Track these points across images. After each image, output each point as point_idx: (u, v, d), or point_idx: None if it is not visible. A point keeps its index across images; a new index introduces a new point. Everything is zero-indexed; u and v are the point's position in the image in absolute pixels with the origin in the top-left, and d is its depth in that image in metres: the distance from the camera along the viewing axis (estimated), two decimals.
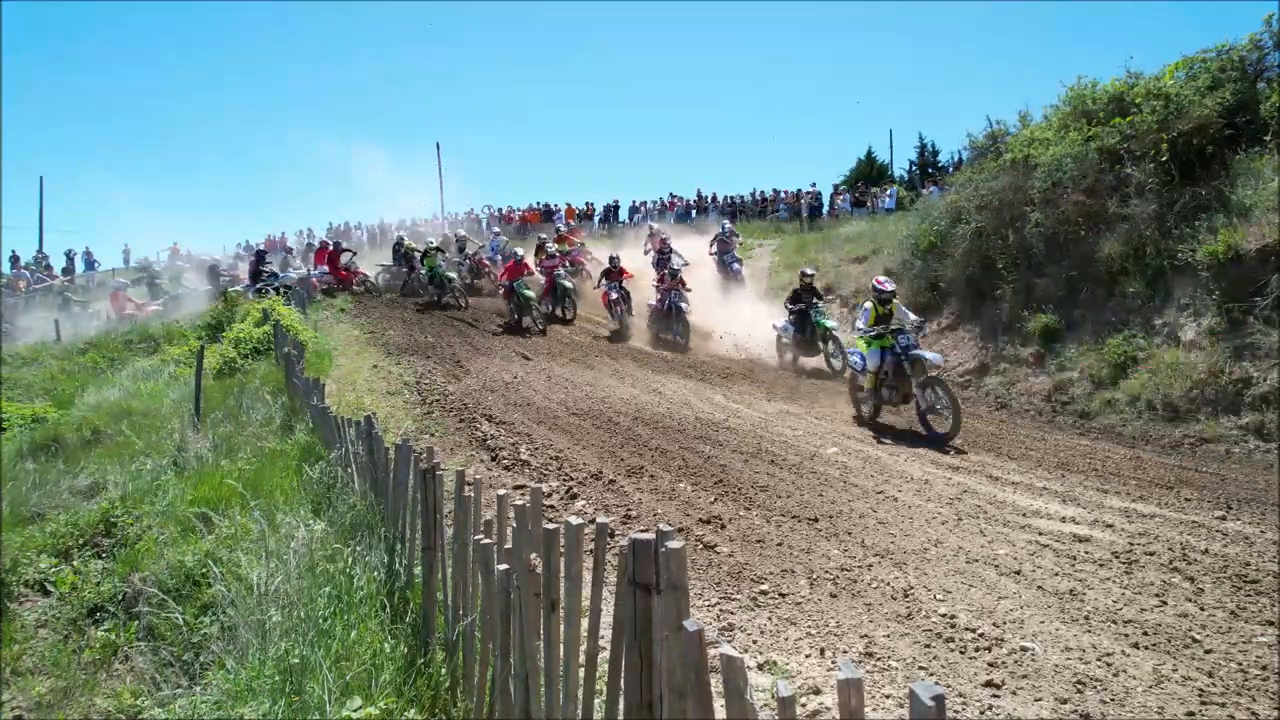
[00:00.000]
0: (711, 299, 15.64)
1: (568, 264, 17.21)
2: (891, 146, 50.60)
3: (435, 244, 18.19)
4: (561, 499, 5.83)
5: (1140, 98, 10.86)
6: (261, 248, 22.98)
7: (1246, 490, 6.26)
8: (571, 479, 6.28)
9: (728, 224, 18.95)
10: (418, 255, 18.46)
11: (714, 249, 17.63)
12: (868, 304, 9.25)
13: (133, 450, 8.01)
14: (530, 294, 14.76)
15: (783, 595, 4.19)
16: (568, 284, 15.81)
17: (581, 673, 2.20)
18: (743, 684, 1.40)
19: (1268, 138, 9.59)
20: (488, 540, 2.68)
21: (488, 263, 18.76)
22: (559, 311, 15.71)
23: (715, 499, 5.93)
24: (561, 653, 2.21)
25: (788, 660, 3.44)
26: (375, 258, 22.61)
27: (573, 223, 26.52)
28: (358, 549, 3.97)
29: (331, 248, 19.51)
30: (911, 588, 4.28)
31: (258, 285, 17.20)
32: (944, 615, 3.91)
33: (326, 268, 18.70)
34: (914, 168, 30.31)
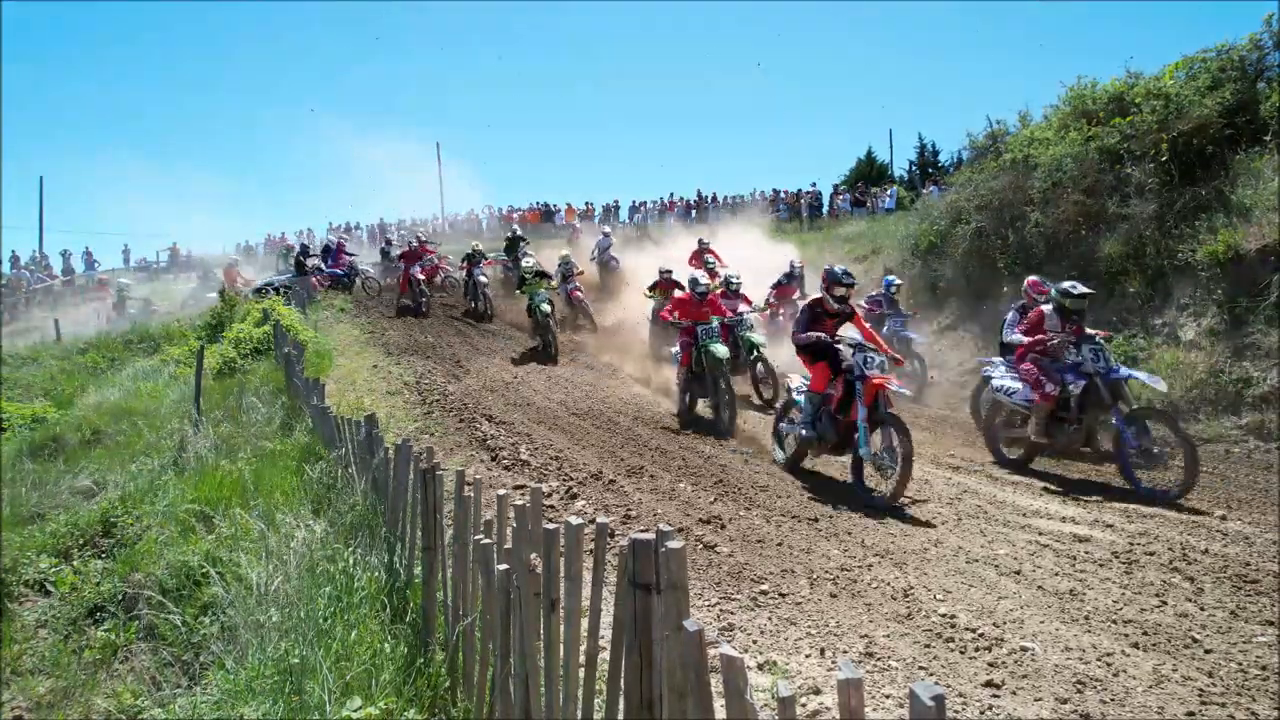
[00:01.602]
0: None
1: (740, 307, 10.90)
2: (891, 146, 50.68)
3: (537, 265, 13.57)
4: (561, 499, 5.83)
5: (1140, 98, 10.88)
6: (305, 243, 21.66)
7: (1246, 490, 6.26)
8: (571, 479, 6.28)
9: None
10: (480, 269, 15.54)
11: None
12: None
13: (133, 450, 8.01)
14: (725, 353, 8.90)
15: (783, 595, 4.19)
16: (758, 337, 10.13)
17: (581, 673, 2.20)
18: (743, 684, 1.40)
19: (1268, 138, 9.60)
20: (488, 540, 2.68)
21: (580, 295, 14.70)
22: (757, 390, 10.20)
23: (715, 499, 5.93)
24: (561, 653, 2.21)
25: (788, 660, 3.44)
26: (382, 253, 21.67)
27: (706, 239, 16.77)
28: (358, 549, 3.97)
29: (415, 248, 17.58)
30: (911, 588, 4.28)
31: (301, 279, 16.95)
32: (944, 615, 3.91)
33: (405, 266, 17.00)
34: (914, 168, 30.30)
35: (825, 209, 26.53)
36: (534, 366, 11.67)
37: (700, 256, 14.76)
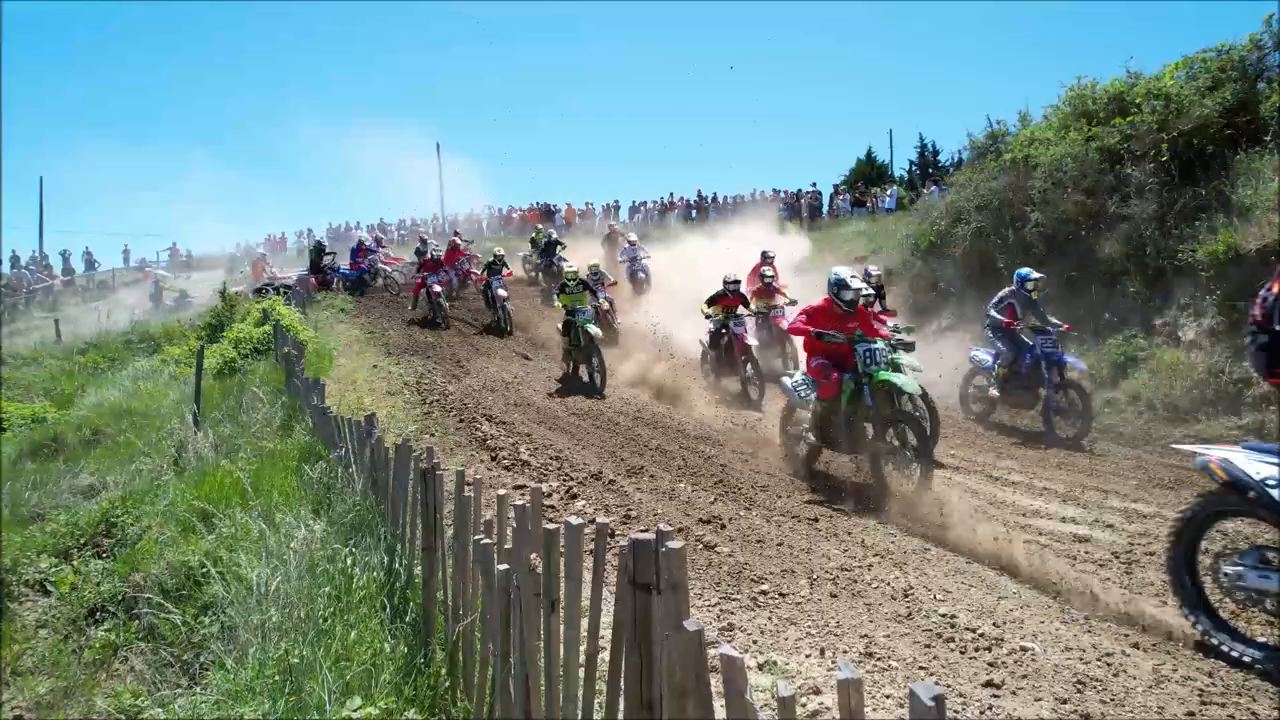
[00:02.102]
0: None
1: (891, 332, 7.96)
2: (891, 146, 50.72)
3: (574, 270, 11.60)
4: (561, 499, 5.83)
5: (1140, 98, 10.88)
6: (320, 240, 19.69)
7: None
8: (571, 479, 6.28)
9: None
10: (500, 280, 14.05)
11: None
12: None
13: (133, 450, 8.01)
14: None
15: (783, 595, 4.19)
16: (901, 379, 6.39)
17: (581, 673, 2.20)
18: (743, 684, 1.40)
19: (1268, 138, 9.61)
20: (488, 540, 2.68)
21: (608, 305, 13.01)
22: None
23: (715, 499, 5.93)
24: (561, 653, 2.21)
25: (788, 660, 3.44)
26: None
27: (770, 251, 13.29)
28: (358, 549, 3.97)
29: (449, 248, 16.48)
30: (911, 588, 4.28)
31: (319, 276, 16.54)
32: (944, 615, 3.91)
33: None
34: (914, 168, 30.30)
35: (825, 209, 26.54)
36: (533, 367, 11.64)
37: (758, 272, 12.20)
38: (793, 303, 10.86)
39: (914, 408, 7.02)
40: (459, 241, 17.47)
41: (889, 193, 25.55)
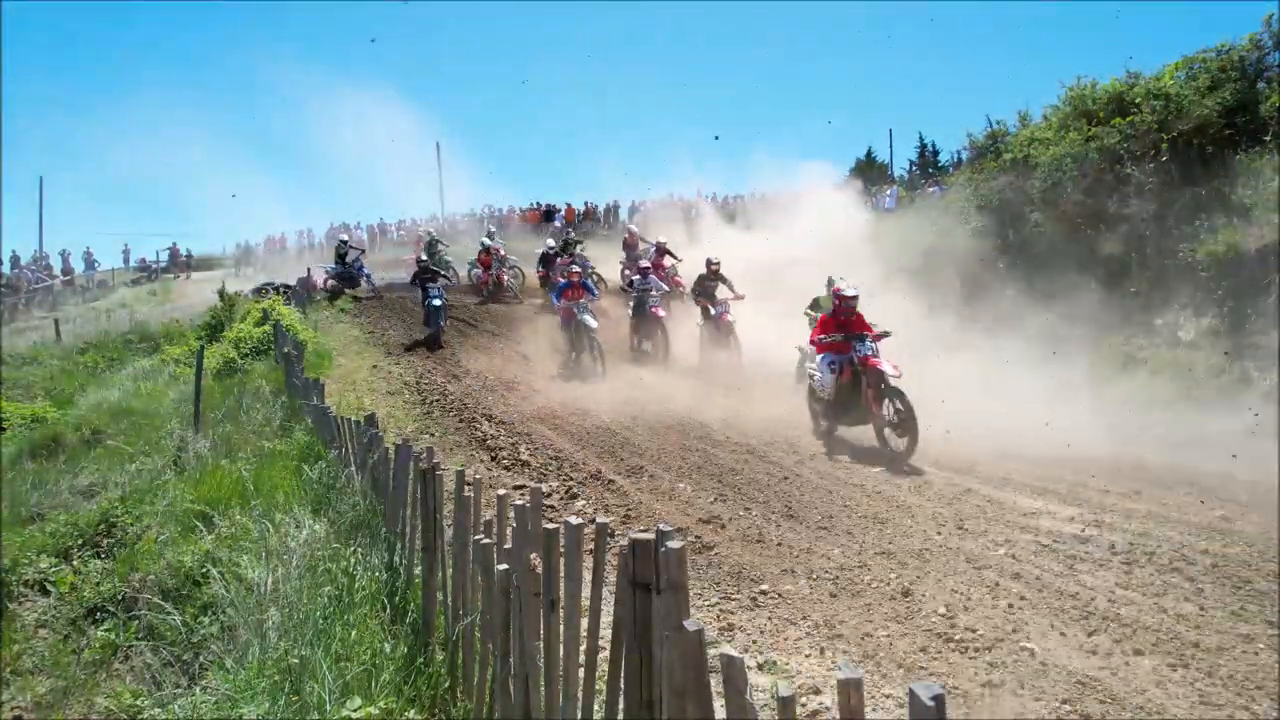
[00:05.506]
0: None
1: None
2: (891, 146, 50.55)
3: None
4: (561, 499, 5.83)
5: (1140, 98, 10.89)
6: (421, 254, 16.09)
7: (1246, 490, 6.25)
8: (571, 479, 6.28)
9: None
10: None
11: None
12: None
13: (133, 450, 8.01)
14: None
15: (782, 595, 4.19)
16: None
17: (581, 673, 2.20)
18: (743, 684, 1.40)
19: (1268, 138, 9.61)
20: (487, 540, 2.68)
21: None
22: None
23: (715, 499, 5.92)
24: (561, 652, 2.21)
25: (788, 660, 3.44)
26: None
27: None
28: (358, 549, 3.97)
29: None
30: (911, 588, 4.28)
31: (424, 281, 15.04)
32: (944, 615, 3.91)
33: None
34: (914, 167, 30.26)
35: None
36: (534, 366, 11.63)
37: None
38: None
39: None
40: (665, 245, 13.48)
41: (889, 192, 25.50)
